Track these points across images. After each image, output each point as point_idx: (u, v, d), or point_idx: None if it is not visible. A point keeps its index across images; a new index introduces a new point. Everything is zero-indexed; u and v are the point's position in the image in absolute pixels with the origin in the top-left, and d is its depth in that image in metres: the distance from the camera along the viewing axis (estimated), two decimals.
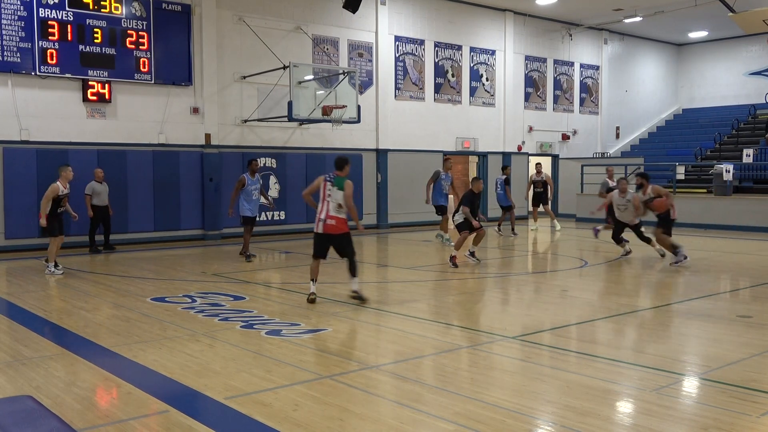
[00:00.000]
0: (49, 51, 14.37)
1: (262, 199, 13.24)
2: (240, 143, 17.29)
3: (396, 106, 20.32)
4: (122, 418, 4.66)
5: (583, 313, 8.32)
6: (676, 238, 14.38)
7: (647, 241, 12.46)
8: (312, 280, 8.69)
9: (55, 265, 11.23)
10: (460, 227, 11.82)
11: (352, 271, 8.57)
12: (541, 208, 18.51)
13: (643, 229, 12.53)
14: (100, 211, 14.16)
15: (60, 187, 11.09)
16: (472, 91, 22.21)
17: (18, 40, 14.08)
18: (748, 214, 18.24)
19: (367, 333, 7.28)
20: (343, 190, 8.42)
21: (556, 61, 24.75)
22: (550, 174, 23.23)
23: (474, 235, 11.81)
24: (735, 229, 18.02)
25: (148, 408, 4.90)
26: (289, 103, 15.59)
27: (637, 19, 23.30)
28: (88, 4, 14.78)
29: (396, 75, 20.31)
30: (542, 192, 18.26)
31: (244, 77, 17.19)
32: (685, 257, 11.58)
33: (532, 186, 18.45)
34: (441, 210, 15.36)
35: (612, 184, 15.96)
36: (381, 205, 19.90)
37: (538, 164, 18.73)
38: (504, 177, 17.57)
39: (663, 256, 12.32)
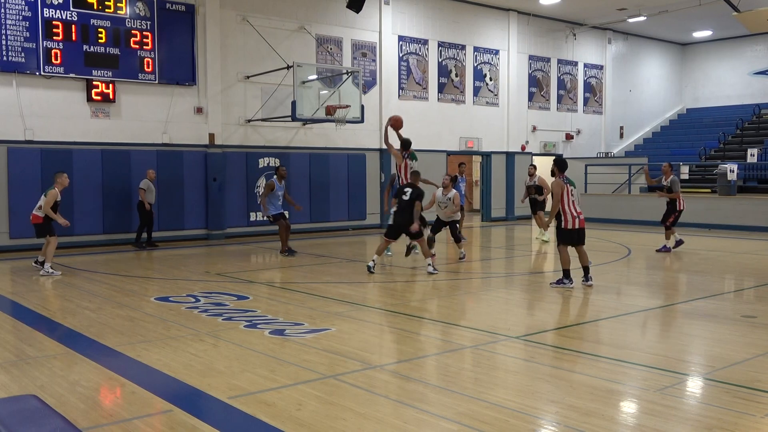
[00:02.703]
0: (53, 51, 14.40)
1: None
2: (244, 143, 17.31)
3: (399, 105, 20.30)
4: (126, 417, 4.66)
5: (587, 313, 8.31)
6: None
7: (458, 240, 12.35)
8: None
9: (51, 267, 11.38)
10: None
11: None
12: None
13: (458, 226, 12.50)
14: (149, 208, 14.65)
15: (58, 193, 11.34)
16: (476, 91, 22.19)
17: (22, 40, 14.12)
18: (753, 214, 18.20)
19: (371, 333, 7.28)
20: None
21: (559, 61, 24.73)
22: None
23: None
24: (739, 229, 17.97)
25: (152, 407, 4.91)
26: (293, 103, 15.60)
27: (641, 18, 23.26)
28: (93, 4, 14.80)
29: (399, 75, 20.31)
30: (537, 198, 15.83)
31: (248, 77, 17.21)
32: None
33: (527, 191, 16.17)
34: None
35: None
36: (384, 204, 19.91)
37: (531, 166, 16.79)
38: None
39: (462, 258, 12.30)
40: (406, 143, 12.60)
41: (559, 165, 9.75)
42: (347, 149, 19.10)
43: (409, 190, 11.04)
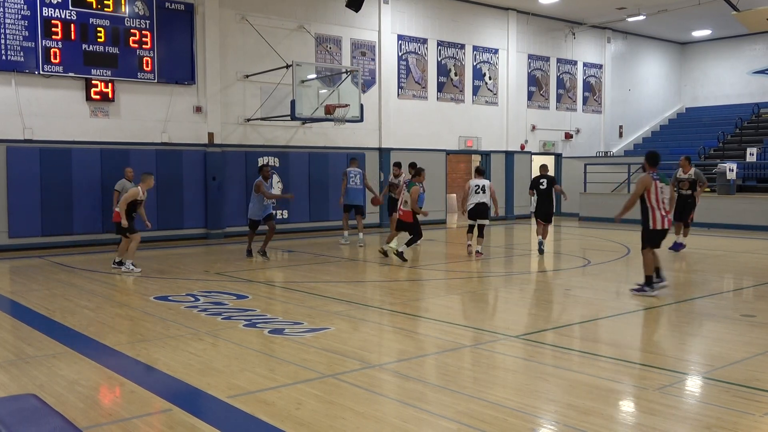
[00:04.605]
0: (52, 50, 14.38)
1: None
2: (243, 142, 17.31)
3: (399, 104, 20.32)
4: (125, 416, 4.66)
5: (586, 312, 8.31)
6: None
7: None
8: None
9: (133, 263, 11.32)
10: None
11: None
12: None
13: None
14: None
15: (140, 191, 11.26)
16: (475, 90, 22.19)
17: (21, 39, 14.10)
18: (752, 213, 18.21)
19: (370, 332, 7.28)
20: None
21: (559, 60, 24.72)
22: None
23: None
24: (738, 228, 17.98)
25: (152, 406, 4.91)
26: (292, 102, 15.58)
27: (641, 17, 23.26)
28: (92, 3, 14.78)
29: (399, 74, 20.30)
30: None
31: (247, 76, 17.20)
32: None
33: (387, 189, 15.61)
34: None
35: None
36: (383, 203, 19.86)
37: (395, 166, 15.46)
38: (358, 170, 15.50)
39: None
40: (415, 167, 13.28)
41: (650, 159, 8.85)
42: (346, 148, 19.10)
43: (545, 180, 13.08)
